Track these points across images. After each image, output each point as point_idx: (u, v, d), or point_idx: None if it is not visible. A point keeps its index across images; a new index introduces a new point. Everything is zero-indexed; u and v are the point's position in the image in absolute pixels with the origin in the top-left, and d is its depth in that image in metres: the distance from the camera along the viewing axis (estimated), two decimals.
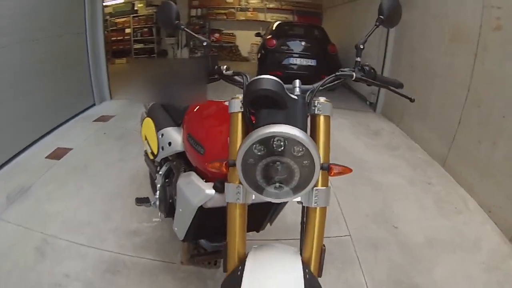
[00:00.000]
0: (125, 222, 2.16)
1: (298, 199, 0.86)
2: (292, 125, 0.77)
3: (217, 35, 10.04)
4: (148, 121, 1.71)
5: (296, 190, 0.80)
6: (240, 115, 0.88)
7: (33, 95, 3.28)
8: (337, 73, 0.96)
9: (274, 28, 6.34)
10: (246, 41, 9.78)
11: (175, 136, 1.43)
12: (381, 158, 3.20)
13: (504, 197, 2.23)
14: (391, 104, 4.37)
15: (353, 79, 0.96)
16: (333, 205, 2.40)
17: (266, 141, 0.77)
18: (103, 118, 4.08)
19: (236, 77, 0.95)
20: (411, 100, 1.06)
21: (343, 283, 1.74)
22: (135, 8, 9.19)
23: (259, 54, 6.22)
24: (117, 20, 8.92)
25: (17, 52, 3.02)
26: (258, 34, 7.83)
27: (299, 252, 0.91)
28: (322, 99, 0.88)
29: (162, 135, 1.52)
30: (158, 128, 1.57)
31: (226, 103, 0.97)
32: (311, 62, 5.54)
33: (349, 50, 6.05)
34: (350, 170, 0.86)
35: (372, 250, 1.99)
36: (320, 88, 0.89)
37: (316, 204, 0.85)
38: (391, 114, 4.32)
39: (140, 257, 1.87)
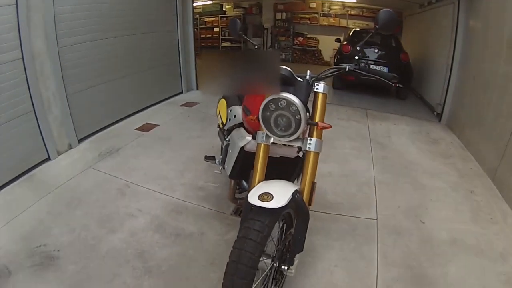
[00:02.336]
0: (194, 180, 2.76)
1: (298, 144, 1.36)
2: (295, 96, 1.28)
3: (300, 38, 10.46)
4: (222, 101, 2.29)
5: (292, 134, 1.33)
6: None
7: (132, 78, 4.12)
8: (334, 66, 1.43)
9: (350, 34, 6.56)
10: (329, 46, 9.97)
11: (239, 112, 1.98)
12: (432, 164, 3.30)
13: None
14: (455, 116, 4.30)
15: (347, 70, 1.41)
16: (370, 194, 2.68)
17: (276, 101, 1.29)
18: (188, 104, 4.84)
19: None
20: (391, 84, 1.47)
21: (357, 254, 2.03)
22: (224, 9, 10.14)
23: (335, 59, 6.55)
24: (207, 19, 9.92)
25: (123, 43, 3.88)
26: (338, 40, 8.04)
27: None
28: (321, 82, 1.37)
29: (231, 110, 2.08)
30: (228, 105, 2.14)
31: None
32: (384, 69, 5.62)
33: (422, 58, 5.98)
34: (330, 126, 1.33)
35: (393, 236, 2.20)
36: (322, 76, 1.39)
37: (309, 149, 1.36)
38: (454, 125, 4.26)
39: (200, 206, 2.43)
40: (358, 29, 7.24)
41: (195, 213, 2.35)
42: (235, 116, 1.99)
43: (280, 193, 1.23)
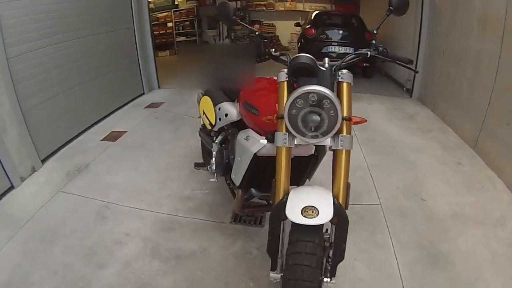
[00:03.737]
0: (180, 189, 2.49)
1: (328, 143, 1.17)
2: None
3: (257, 26, 10.16)
4: (206, 99, 2.04)
5: (325, 134, 1.13)
6: (285, 83, 1.22)
7: (91, 83, 3.71)
8: (355, 52, 1.25)
9: (312, 17, 6.47)
10: (286, 31, 9.91)
11: (231, 109, 1.75)
12: (415, 140, 3.33)
13: None
14: (426, 90, 4.41)
15: (368, 56, 1.26)
16: (366, 178, 2.62)
17: (305, 96, 1.09)
18: (153, 105, 4.47)
19: (281, 57, 1.30)
20: (415, 72, 1.35)
21: (371, 243, 1.96)
22: (176, 3, 9.62)
23: (299, 43, 6.42)
24: (159, 15, 9.40)
25: (78, 46, 3.46)
26: (297, 24, 7.96)
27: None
28: (344, 71, 1.19)
29: (219, 108, 1.84)
30: (215, 103, 1.89)
31: (274, 78, 1.31)
32: (349, 50, 5.59)
33: (386, 36, 6.06)
34: (365, 120, 1.17)
35: (400, 218, 2.17)
36: (343, 64, 1.20)
37: (341, 147, 1.16)
38: (426, 100, 4.37)
39: (193, 218, 2.17)
40: (319, 11, 7.15)
41: (190, 227, 2.10)
42: (226, 115, 1.76)
43: (322, 204, 1.07)
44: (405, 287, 1.67)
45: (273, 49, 1.33)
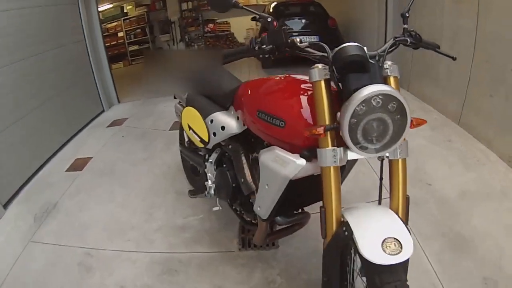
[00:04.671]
0: (169, 219, 2.14)
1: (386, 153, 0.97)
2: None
3: (211, 25, 9.90)
4: (190, 110, 1.73)
5: (390, 144, 0.92)
6: (323, 82, 0.96)
7: (46, 107, 3.28)
8: (396, 39, 1.06)
9: (271, 10, 6.30)
10: (241, 27, 9.68)
11: (228, 120, 1.48)
12: None
13: None
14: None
15: (408, 44, 1.08)
16: (367, 171, 2.47)
17: (368, 100, 0.86)
18: (116, 122, 4.06)
19: (310, 48, 1.03)
20: (454, 59, 1.16)
21: None
22: (125, 11, 9.07)
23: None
24: (108, 26, 8.84)
25: (22, 70, 2.99)
26: (254, 19, 7.75)
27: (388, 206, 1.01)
28: (390, 62, 0.99)
29: (212, 121, 1.55)
30: (206, 115, 1.60)
31: (296, 76, 1.13)
32: (314, 38, 5.49)
33: (349, 22, 6.03)
34: (425, 121, 0.98)
35: (414, 208, 2.03)
36: (384, 53, 0.99)
37: (400, 156, 0.97)
38: (400, 80, 4.36)
39: (194, 252, 1.84)
40: (277, 2, 6.99)
41: (194, 265, 1.77)
42: (223, 128, 1.49)
43: (400, 232, 0.88)
44: (441, 279, 1.58)
45: (298, 39, 1.03)
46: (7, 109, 2.72)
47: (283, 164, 1.10)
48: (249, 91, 1.36)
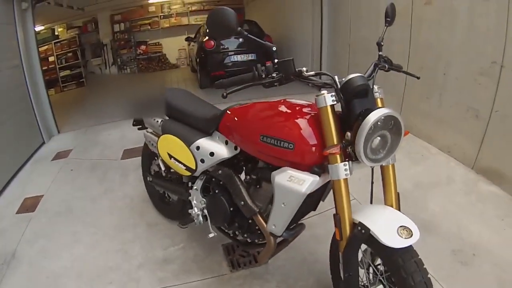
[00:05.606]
0: (149, 253, 2.02)
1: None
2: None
3: (143, 47, 9.76)
4: (169, 138, 1.70)
5: (389, 154, 1.13)
6: (329, 108, 1.10)
7: None
8: (376, 65, 1.27)
9: (207, 29, 6.36)
10: (173, 48, 9.70)
11: (215, 145, 1.50)
12: None
13: (458, 137, 2.71)
14: None
15: (385, 69, 1.29)
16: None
17: (376, 121, 1.03)
18: (61, 155, 3.72)
19: (315, 78, 1.15)
20: (417, 78, 1.40)
21: None
22: (56, 34, 8.45)
23: (198, 58, 6.18)
24: (39, 49, 8.10)
25: None
26: (188, 39, 7.74)
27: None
28: (376, 87, 1.20)
29: (198, 147, 1.55)
30: (189, 142, 1.59)
31: (291, 100, 1.29)
32: (252, 56, 5.70)
33: (284, 39, 6.36)
34: (408, 132, 1.18)
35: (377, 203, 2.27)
36: (371, 78, 1.21)
37: (391, 162, 1.23)
38: None
39: (188, 283, 1.78)
40: None
41: None
42: (212, 154, 1.50)
43: (405, 220, 1.09)
44: None
45: (305, 68, 1.13)
46: None
47: (299, 182, 1.19)
48: (241, 116, 1.41)
